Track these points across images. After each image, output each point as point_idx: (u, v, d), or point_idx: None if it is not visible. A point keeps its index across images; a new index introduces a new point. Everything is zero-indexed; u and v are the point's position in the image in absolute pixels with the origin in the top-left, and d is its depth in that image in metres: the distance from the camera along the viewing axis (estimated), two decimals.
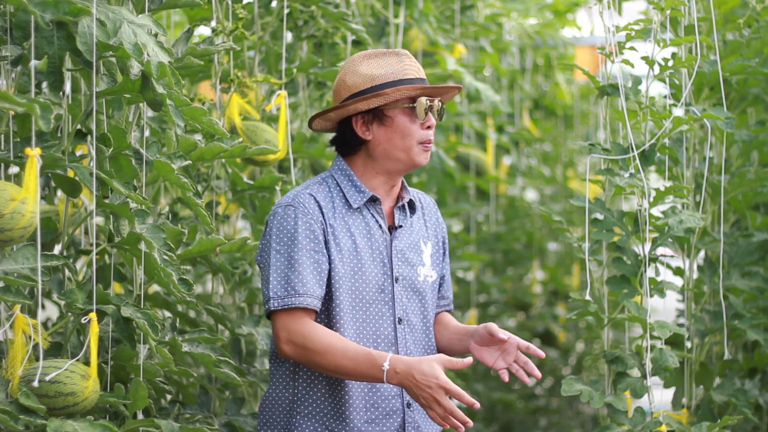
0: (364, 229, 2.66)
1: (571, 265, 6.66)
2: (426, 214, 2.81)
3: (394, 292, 2.66)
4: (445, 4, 5.03)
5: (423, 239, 2.76)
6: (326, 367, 2.54)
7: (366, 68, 2.65)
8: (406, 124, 2.64)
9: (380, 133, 2.65)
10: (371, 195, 2.67)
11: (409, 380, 2.47)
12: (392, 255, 2.67)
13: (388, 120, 2.64)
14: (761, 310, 3.53)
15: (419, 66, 2.69)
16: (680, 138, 3.36)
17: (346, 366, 2.52)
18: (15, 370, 2.39)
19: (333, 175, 2.70)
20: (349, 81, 2.66)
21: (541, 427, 6.54)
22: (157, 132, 3.19)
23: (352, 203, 2.65)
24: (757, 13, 3.57)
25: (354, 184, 2.67)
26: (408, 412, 2.66)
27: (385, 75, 2.63)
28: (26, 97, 2.19)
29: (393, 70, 2.64)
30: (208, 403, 3.13)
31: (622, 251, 3.09)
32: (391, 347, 2.64)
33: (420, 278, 2.71)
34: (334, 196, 2.66)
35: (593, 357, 3.25)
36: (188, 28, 2.83)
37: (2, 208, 2.24)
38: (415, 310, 2.70)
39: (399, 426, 2.65)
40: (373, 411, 2.63)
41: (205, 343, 2.87)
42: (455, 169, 5.03)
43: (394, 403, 2.65)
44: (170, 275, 2.57)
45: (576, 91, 6.79)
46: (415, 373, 2.46)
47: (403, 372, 2.47)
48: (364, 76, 2.64)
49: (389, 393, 2.64)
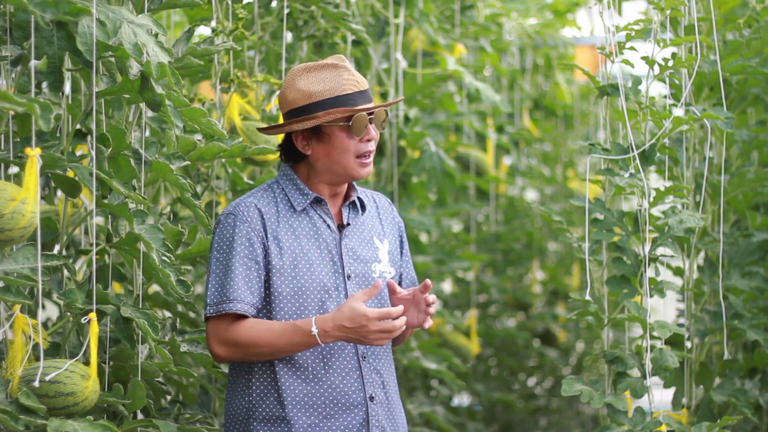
0: (311, 230, 2.69)
1: (571, 265, 6.66)
2: (381, 213, 2.83)
3: (347, 290, 2.68)
4: (445, 4, 5.03)
5: (378, 236, 2.78)
6: (264, 354, 2.61)
7: (304, 83, 2.66)
8: (343, 140, 2.66)
9: (319, 149, 2.68)
10: (315, 196, 2.70)
11: (343, 332, 2.55)
12: (342, 253, 2.70)
13: (325, 137, 2.67)
14: (761, 310, 3.53)
15: (359, 77, 2.69)
16: (680, 138, 3.36)
17: (281, 345, 2.59)
18: (15, 370, 2.39)
19: (279, 181, 2.74)
20: (289, 96, 2.69)
21: (541, 427, 6.54)
22: (157, 132, 3.19)
23: (296, 206, 2.69)
24: (757, 13, 3.56)
25: (298, 187, 2.71)
26: (371, 406, 2.67)
27: (321, 92, 2.64)
28: (26, 97, 2.19)
29: (329, 86, 2.65)
30: (208, 403, 3.13)
31: (622, 251, 3.09)
32: (348, 344, 2.66)
33: (375, 275, 2.73)
34: (278, 201, 2.70)
35: (593, 357, 3.25)
36: (188, 28, 2.83)
37: (2, 208, 2.24)
38: (372, 306, 2.70)
39: (363, 420, 2.66)
40: (332, 407, 2.64)
41: (205, 343, 2.86)
42: (455, 169, 5.03)
43: (355, 398, 2.66)
44: (168, 276, 2.57)
45: (576, 91, 6.79)
46: (345, 322, 2.54)
47: (333, 328, 2.55)
48: (302, 93, 2.66)
49: (349, 388, 2.65)
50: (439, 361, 4.68)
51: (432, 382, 5.30)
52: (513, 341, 6.28)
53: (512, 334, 6.24)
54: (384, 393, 2.70)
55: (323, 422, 2.63)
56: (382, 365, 2.71)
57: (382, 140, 4.45)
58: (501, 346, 6.33)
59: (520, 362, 6.42)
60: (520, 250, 6.49)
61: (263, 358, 2.63)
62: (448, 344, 5.39)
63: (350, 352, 2.66)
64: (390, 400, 2.71)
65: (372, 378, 2.68)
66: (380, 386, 2.69)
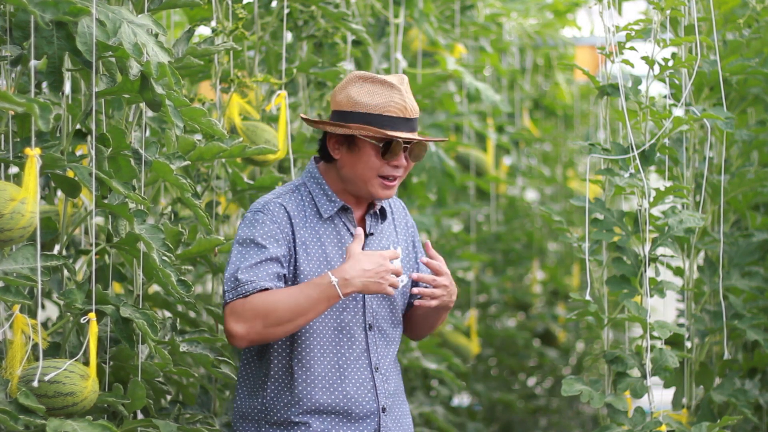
0: (335, 238, 2.68)
1: (571, 265, 6.66)
2: (396, 219, 2.84)
3: (364, 300, 2.68)
4: (445, 4, 5.03)
5: (394, 245, 2.78)
6: (283, 321, 2.53)
7: (355, 91, 2.65)
8: (371, 157, 2.65)
9: (347, 157, 2.67)
10: (342, 204, 2.69)
11: (364, 277, 2.53)
12: None
13: (356, 148, 2.66)
14: (761, 310, 3.53)
15: (410, 104, 2.67)
16: (680, 138, 3.36)
17: (301, 303, 2.52)
18: (14, 370, 2.39)
19: (306, 182, 2.73)
20: (338, 97, 2.69)
21: (541, 427, 6.54)
22: (157, 132, 3.19)
23: (323, 213, 2.68)
24: (757, 13, 3.56)
25: (326, 193, 2.70)
26: (383, 417, 2.67)
27: (366, 105, 2.63)
28: (26, 97, 2.19)
29: (376, 102, 2.63)
30: (208, 403, 3.13)
31: (622, 251, 3.09)
32: (363, 353, 2.66)
33: None
34: (306, 206, 2.69)
35: (593, 357, 3.25)
36: (189, 28, 2.83)
37: (2, 208, 2.24)
38: (385, 316, 2.72)
39: (374, 431, 2.66)
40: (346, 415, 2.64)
41: (205, 343, 2.86)
42: (455, 169, 5.03)
43: (369, 408, 2.66)
44: (169, 276, 2.57)
45: (576, 91, 6.79)
46: (364, 265, 2.54)
47: (353, 276, 2.53)
48: (350, 99, 2.65)
49: (363, 398, 2.65)
50: (439, 361, 4.68)
51: (432, 382, 5.30)
52: (513, 341, 6.28)
53: (512, 334, 6.24)
54: (392, 402, 2.71)
55: (335, 429, 2.63)
56: (391, 374, 2.72)
57: None
58: (501, 346, 6.33)
59: (520, 362, 6.42)
60: (520, 250, 6.49)
61: (282, 331, 2.54)
62: (448, 344, 5.39)
63: (364, 363, 2.66)
64: (398, 408, 2.72)
65: (384, 389, 2.68)
66: (390, 396, 2.70)
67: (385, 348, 2.71)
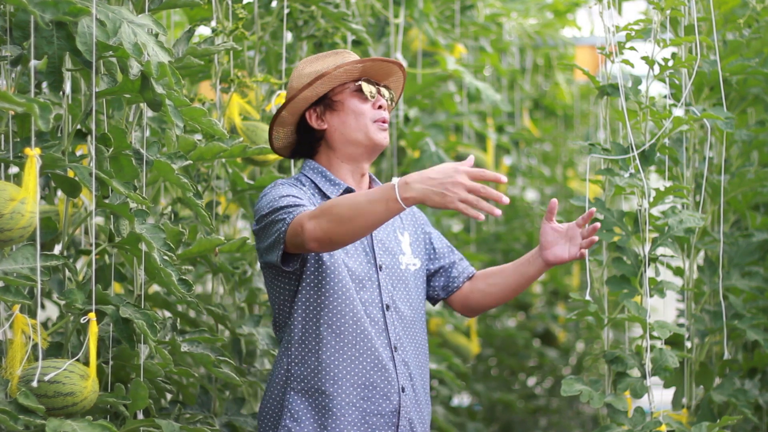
0: None
1: (571, 265, 6.66)
2: None
3: (379, 280, 2.70)
4: (445, 4, 5.03)
5: (399, 229, 2.81)
6: (345, 216, 2.43)
7: (309, 68, 2.74)
8: (357, 104, 2.72)
9: (334, 119, 2.72)
10: (346, 186, 2.72)
11: (426, 183, 2.35)
12: (374, 245, 2.73)
13: (338, 104, 2.72)
14: (761, 310, 3.53)
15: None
16: (680, 138, 3.36)
17: (360, 201, 2.41)
18: (14, 370, 2.39)
19: (305, 174, 2.76)
20: (295, 83, 2.75)
21: (541, 427, 6.54)
22: (157, 132, 3.19)
23: (330, 196, 2.70)
24: (757, 13, 3.56)
25: (327, 178, 2.73)
26: (402, 396, 2.68)
27: (326, 68, 2.72)
28: (25, 97, 2.19)
29: (335, 62, 2.73)
30: (208, 403, 3.13)
31: (622, 251, 3.09)
32: (382, 332, 2.67)
33: (402, 266, 2.76)
34: (312, 193, 2.72)
35: (593, 357, 3.25)
36: (189, 28, 2.83)
37: (1, 208, 2.24)
38: (402, 297, 2.74)
39: (395, 410, 2.67)
40: (370, 389, 2.65)
41: (205, 343, 2.86)
42: None
43: (390, 388, 2.66)
44: (170, 275, 2.57)
45: (576, 91, 6.79)
46: (431, 174, 2.35)
47: (416, 180, 2.35)
48: (309, 74, 2.73)
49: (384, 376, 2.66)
50: (439, 361, 4.68)
51: (432, 382, 5.30)
52: (513, 341, 6.28)
53: (512, 334, 6.24)
54: (411, 386, 2.71)
55: (360, 403, 2.64)
56: (410, 358, 2.72)
57: None
58: (501, 346, 6.33)
59: (520, 362, 6.42)
60: (520, 250, 6.48)
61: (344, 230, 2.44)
62: (448, 344, 5.39)
63: (384, 342, 2.67)
64: (417, 394, 2.72)
65: (402, 370, 2.69)
66: (408, 378, 2.71)
67: (404, 329, 2.72)
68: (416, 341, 2.76)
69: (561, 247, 2.73)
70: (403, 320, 2.73)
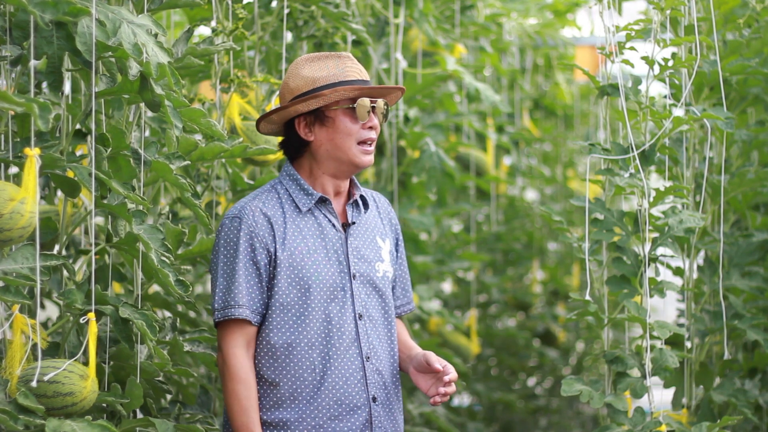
0: (317, 231, 2.69)
1: (571, 265, 6.66)
2: (381, 212, 2.84)
3: (353, 289, 2.69)
4: (445, 4, 5.03)
5: (380, 235, 2.79)
6: (224, 389, 2.62)
7: (307, 71, 2.70)
8: (347, 124, 2.68)
9: (322, 133, 2.69)
10: (320, 196, 2.71)
11: None
12: (348, 253, 2.71)
13: (329, 120, 2.68)
14: (761, 310, 3.53)
15: (361, 68, 2.74)
16: (680, 138, 3.36)
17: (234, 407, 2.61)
18: (14, 370, 2.39)
19: (282, 181, 2.74)
20: (292, 84, 2.71)
21: (541, 427, 6.54)
22: (157, 132, 3.19)
23: (301, 207, 2.69)
24: (757, 13, 3.56)
25: (302, 187, 2.71)
26: (373, 407, 2.67)
27: (325, 77, 2.67)
28: (25, 97, 2.19)
29: (333, 72, 2.68)
30: (208, 403, 3.13)
31: (622, 251, 3.09)
32: (354, 342, 2.66)
33: (379, 274, 2.74)
34: (283, 203, 2.70)
35: (593, 357, 3.25)
36: (188, 28, 2.83)
37: (1, 208, 2.24)
38: (375, 306, 2.73)
39: (366, 421, 2.67)
40: (337, 408, 2.64)
41: (206, 342, 2.86)
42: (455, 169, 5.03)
43: (358, 399, 2.66)
44: (167, 276, 2.57)
45: (576, 91, 6.79)
46: None
47: None
48: (306, 79, 2.68)
49: (353, 389, 2.66)
50: None
51: None
52: (513, 341, 6.28)
53: (512, 334, 6.24)
54: (385, 394, 2.70)
55: (327, 423, 2.63)
56: (384, 366, 2.71)
57: (381, 140, 4.45)
58: (501, 346, 6.33)
59: (520, 362, 6.42)
60: (520, 250, 6.49)
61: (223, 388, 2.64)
62: (448, 344, 5.39)
63: (354, 353, 2.66)
64: (390, 401, 2.72)
65: (374, 379, 2.68)
66: (382, 387, 2.70)
67: (377, 338, 2.71)
68: (389, 348, 2.75)
69: (425, 380, 2.75)
70: (375, 327, 2.72)
